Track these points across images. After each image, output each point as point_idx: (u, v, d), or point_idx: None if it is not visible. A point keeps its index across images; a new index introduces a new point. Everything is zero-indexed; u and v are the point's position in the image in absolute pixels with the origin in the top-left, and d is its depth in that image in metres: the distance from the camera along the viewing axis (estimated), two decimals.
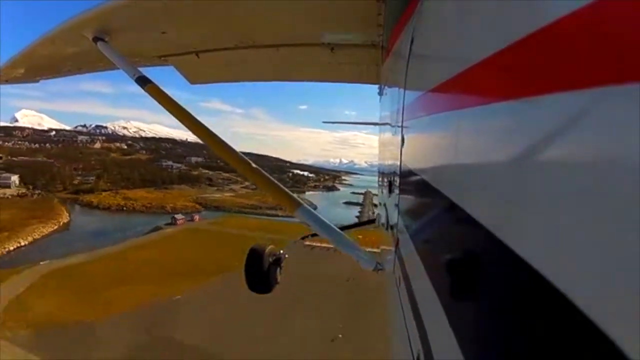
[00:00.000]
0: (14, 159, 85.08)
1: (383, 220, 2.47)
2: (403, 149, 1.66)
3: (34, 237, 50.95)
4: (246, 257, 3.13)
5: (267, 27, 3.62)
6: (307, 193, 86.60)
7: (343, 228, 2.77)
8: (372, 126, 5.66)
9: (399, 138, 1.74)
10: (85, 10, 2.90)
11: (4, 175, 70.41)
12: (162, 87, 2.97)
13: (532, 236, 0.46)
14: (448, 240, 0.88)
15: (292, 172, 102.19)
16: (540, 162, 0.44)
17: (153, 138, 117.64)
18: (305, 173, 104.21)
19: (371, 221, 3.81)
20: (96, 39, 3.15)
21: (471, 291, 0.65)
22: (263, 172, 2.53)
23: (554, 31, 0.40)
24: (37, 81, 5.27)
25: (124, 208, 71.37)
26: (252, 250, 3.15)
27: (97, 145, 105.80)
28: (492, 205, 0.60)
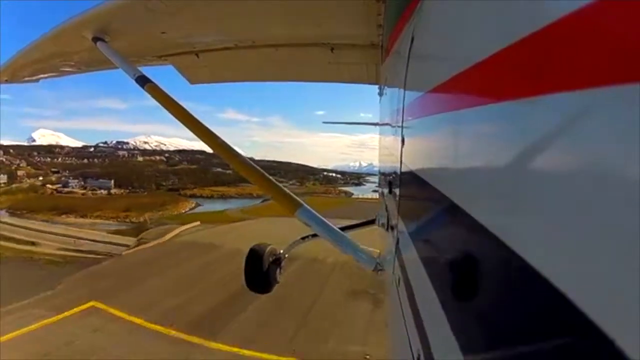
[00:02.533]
0: (87, 170, 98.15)
1: (383, 220, 2.47)
2: (403, 149, 1.66)
3: (189, 207, 75.61)
4: (246, 257, 3.14)
5: (267, 27, 3.62)
6: (339, 188, 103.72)
7: (343, 228, 2.76)
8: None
9: (399, 138, 1.74)
10: (84, 10, 2.89)
11: (102, 180, 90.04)
12: (162, 87, 2.96)
13: (532, 236, 0.45)
14: (448, 241, 0.87)
15: (323, 174, 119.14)
16: (540, 163, 0.44)
17: (186, 150, 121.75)
18: (333, 174, 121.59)
19: (371, 221, 3.80)
20: (96, 39, 3.14)
21: (471, 291, 0.65)
22: (262, 171, 2.53)
23: (554, 31, 0.40)
24: (38, 81, 5.27)
25: (222, 196, 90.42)
26: (252, 251, 3.16)
27: (140, 158, 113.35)
28: (492, 206, 0.59)
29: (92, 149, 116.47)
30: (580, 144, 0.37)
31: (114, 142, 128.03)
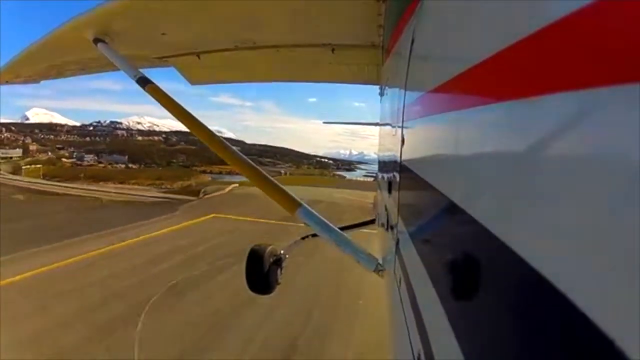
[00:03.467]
0: (93, 147, 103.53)
1: (383, 220, 2.47)
2: (403, 150, 1.66)
3: (206, 179, 74.61)
4: (247, 257, 3.13)
5: (268, 28, 3.63)
6: (333, 172, 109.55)
7: (343, 228, 2.76)
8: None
9: (399, 139, 1.74)
10: (85, 11, 2.89)
11: (117, 156, 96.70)
12: (163, 87, 2.97)
13: (532, 236, 0.45)
14: (449, 241, 0.87)
15: (316, 160, 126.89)
16: (540, 163, 0.44)
17: (181, 132, 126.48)
18: (325, 160, 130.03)
19: (371, 221, 3.81)
20: (96, 40, 3.15)
21: (472, 291, 0.65)
22: (262, 171, 2.53)
23: (554, 31, 0.39)
24: (38, 82, 5.29)
25: (229, 173, 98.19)
26: (253, 251, 3.15)
27: (139, 138, 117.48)
28: (492, 206, 0.59)
29: (91, 128, 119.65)
30: (580, 144, 0.37)
31: (108, 122, 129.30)
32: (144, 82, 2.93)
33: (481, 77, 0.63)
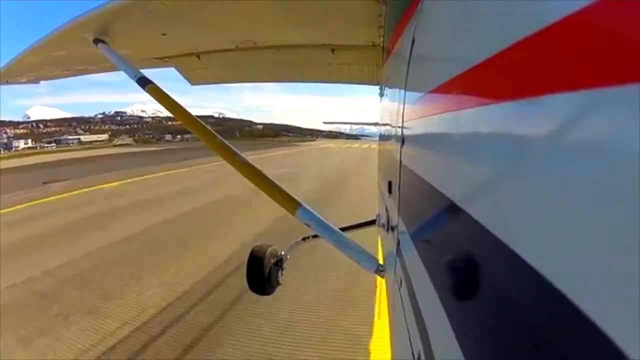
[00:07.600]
0: (134, 132, 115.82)
1: (383, 221, 2.47)
2: (403, 150, 1.66)
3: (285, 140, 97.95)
4: (247, 259, 3.14)
5: (268, 29, 3.63)
6: (340, 139, 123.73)
7: (344, 229, 2.76)
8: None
9: (400, 139, 1.74)
10: (86, 12, 2.89)
11: (165, 135, 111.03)
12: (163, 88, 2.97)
13: (533, 237, 0.45)
14: (449, 242, 0.87)
15: (325, 132, 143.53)
16: (541, 163, 0.44)
17: (200, 116, 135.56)
18: (334, 133, 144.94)
19: (372, 222, 3.82)
20: (97, 41, 3.15)
21: (473, 292, 0.65)
22: (261, 171, 2.53)
23: (555, 31, 0.40)
24: (38, 82, 5.29)
25: (279, 142, 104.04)
26: (254, 252, 3.16)
27: (168, 123, 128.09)
28: (493, 206, 0.59)
29: (119, 118, 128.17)
30: (581, 145, 0.37)
31: (113, 112, 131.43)
32: (143, 82, 2.93)
33: (482, 78, 0.63)
